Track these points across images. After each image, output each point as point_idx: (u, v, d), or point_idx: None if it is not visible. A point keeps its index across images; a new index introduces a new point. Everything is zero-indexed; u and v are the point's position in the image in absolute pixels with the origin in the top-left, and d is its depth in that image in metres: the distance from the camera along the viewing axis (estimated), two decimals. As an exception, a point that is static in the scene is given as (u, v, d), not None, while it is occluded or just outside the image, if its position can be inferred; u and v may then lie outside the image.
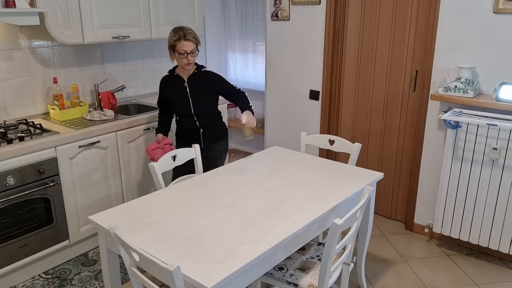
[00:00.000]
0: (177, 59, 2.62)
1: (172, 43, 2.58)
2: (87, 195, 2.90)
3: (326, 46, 3.43)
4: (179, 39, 2.54)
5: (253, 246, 1.66)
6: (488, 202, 2.73)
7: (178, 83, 2.73)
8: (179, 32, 2.56)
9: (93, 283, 2.67)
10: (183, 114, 2.78)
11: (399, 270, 2.81)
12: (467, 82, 2.71)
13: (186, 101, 2.72)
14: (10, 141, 2.52)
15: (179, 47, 2.56)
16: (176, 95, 2.75)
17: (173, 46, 2.58)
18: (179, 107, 2.76)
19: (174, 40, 2.56)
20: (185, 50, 2.56)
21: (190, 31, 2.58)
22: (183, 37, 2.54)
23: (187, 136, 2.81)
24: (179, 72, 2.74)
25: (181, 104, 2.74)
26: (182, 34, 2.55)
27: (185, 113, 2.76)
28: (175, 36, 2.56)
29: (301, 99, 3.71)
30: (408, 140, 3.26)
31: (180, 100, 2.73)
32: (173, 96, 2.77)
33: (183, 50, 2.56)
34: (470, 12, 2.73)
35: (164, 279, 1.44)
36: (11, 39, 2.90)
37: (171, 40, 2.58)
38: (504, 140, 2.59)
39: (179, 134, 2.89)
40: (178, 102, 2.75)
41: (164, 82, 2.83)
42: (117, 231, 1.57)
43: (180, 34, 2.55)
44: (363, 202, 1.88)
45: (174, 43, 2.56)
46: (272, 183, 2.25)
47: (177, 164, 2.50)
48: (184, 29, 2.58)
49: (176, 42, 2.55)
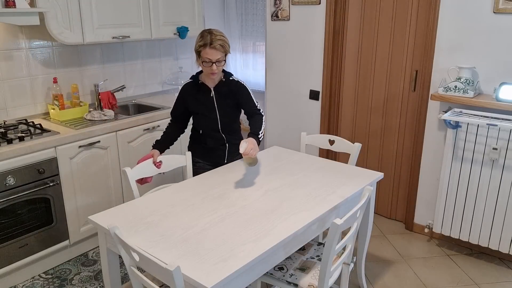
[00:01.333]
0: (202, 66, 2.34)
1: (197, 49, 2.30)
2: (87, 195, 2.90)
3: (326, 46, 3.43)
4: (204, 46, 2.25)
5: (253, 246, 1.66)
6: (488, 202, 2.73)
7: (204, 93, 2.43)
8: (206, 37, 2.26)
9: (93, 283, 2.67)
10: (210, 129, 2.48)
11: (399, 270, 2.81)
12: (467, 82, 2.71)
13: (213, 113, 2.43)
14: (10, 141, 2.52)
15: (204, 54, 2.27)
16: (201, 107, 2.44)
17: (198, 51, 2.30)
18: (206, 120, 2.46)
19: (200, 45, 2.27)
20: (210, 59, 2.27)
21: (219, 36, 2.28)
22: (209, 44, 2.24)
23: (210, 153, 2.54)
24: (204, 79, 2.43)
25: (208, 118, 2.45)
26: (209, 40, 2.25)
27: (212, 128, 2.47)
28: (201, 41, 2.27)
29: (301, 99, 3.71)
30: (408, 140, 3.26)
31: (206, 112, 2.44)
32: (197, 108, 2.45)
33: (207, 58, 2.27)
34: (470, 12, 2.73)
35: (164, 279, 1.44)
36: (11, 39, 2.90)
37: (197, 44, 2.30)
38: (504, 140, 2.59)
39: (200, 150, 2.56)
40: (204, 114, 2.45)
41: (187, 91, 2.47)
42: (117, 231, 1.57)
43: (207, 40, 2.25)
44: (363, 202, 1.88)
45: (199, 48, 2.28)
46: (272, 183, 2.25)
47: (162, 171, 2.36)
48: (213, 34, 2.27)
49: (201, 48, 2.27)
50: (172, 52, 4.00)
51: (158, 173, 2.40)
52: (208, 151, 2.54)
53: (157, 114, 3.26)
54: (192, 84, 2.46)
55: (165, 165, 2.44)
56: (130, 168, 2.25)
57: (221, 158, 2.56)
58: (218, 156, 2.56)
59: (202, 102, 2.43)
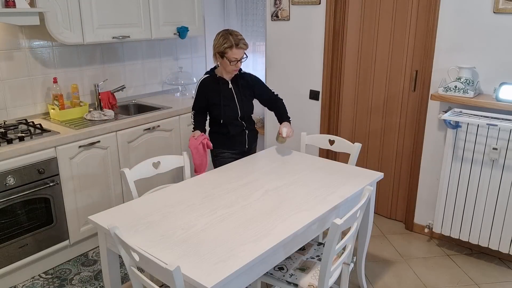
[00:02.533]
0: (225, 64, 2.52)
1: (223, 50, 2.46)
2: (87, 195, 2.90)
3: (326, 46, 3.43)
4: (230, 47, 2.44)
5: (253, 246, 1.66)
6: (488, 202, 2.73)
7: (223, 86, 2.62)
8: (229, 38, 2.44)
9: (93, 283, 2.67)
10: (231, 117, 2.65)
11: (399, 270, 2.81)
12: (467, 82, 2.71)
13: (233, 103, 2.62)
14: (10, 141, 2.52)
15: (231, 55, 2.46)
16: (222, 98, 2.61)
17: (222, 52, 2.47)
18: (226, 111, 2.61)
19: (225, 47, 2.45)
20: (236, 58, 2.47)
21: (240, 36, 2.48)
22: (235, 46, 2.44)
23: (233, 140, 2.69)
24: (221, 74, 2.63)
25: (229, 107, 2.62)
26: (234, 41, 2.44)
27: (233, 116, 2.64)
28: (226, 43, 2.44)
29: (301, 99, 3.70)
30: (408, 140, 3.26)
31: (227, 103, 2.61)
32: (219, 100, 2.61)
33: (234, 58, 2.47)
34: (470, 12, 2.73)
35: (164, 279, 1.44)
36: (11, 39, 2.90)
37: (221, 46, 2.46)
38: (504, 140, 2.59)
39: (223, 140, 2.70)
40: (223, 106, 2.61)
41: (206, 86, 2.63)
42: (117, 231, 1.57)
43: (232, 41, 2.44)
44: (363, 202, 1.88)
45: (225, 50, 2.45)
46: (272, 183, 2.25)
47: (159, 172, 2.41)
48: (234, 34, 2.47)
49: (227, 49, 2.45)
50: (172, 52, 4.00)
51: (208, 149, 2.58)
52: (231, 139, 2.70)
53: (157, 114, 3.26)
54: (211, 78, 2.64)
55: (164, 165, 2.44)
56: (129, 169, 2.25)
57: (243, 144, 2.74)
58: (240, 142, 2.72)
59: (223, 94, 2.62)
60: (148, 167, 2.37)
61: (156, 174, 2.40)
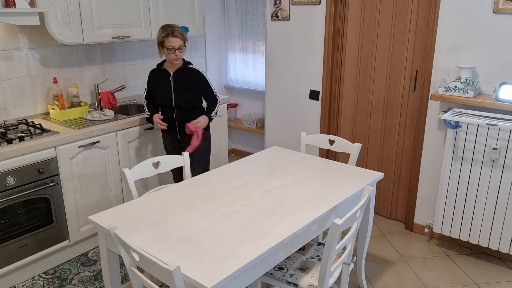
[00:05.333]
0: (166, 54, 2.77)
1: (161, 39, 2.72)
2: (87, 195, 2.90)
3: (326, 46, 3.43)
4: (167, 36, 2.69)
5: (253, 246, 1.66)
6: (488, 202, 2.73)
7: (164, 76, 2.87)
8: (167, 29, 2.71)
9: (93, 283, 2.67)
10: (165, 106, 2.91)
11: (399, 270, 2.81)
12: (467, 82, 2.71)
13: (169, 93, 2.86)
14: (10, 141, 2.52)
15: (167, 43, 2.70)
16: (160, 88, 2.89)
17: (161, 42, 2.73)
18: (161, 98, 2.90)
19: (163, 36, 2.71)
20: (173, 46, 2.70)
21: (177, 28, 2.74)
22: (171, 34, 2.69)
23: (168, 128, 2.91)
24: (167, 66, 2.88)
25: (164, 96, 2.88)
26: (170, 31, 2.70)
27: (166, 105, 2.90)
28: (163, 33, 2.71)
29: (301, 99, 3.70)
30: (408, 140, 3.26)
31: (163, 92, 2.88)
32: (157, 88, 2.91)
33: (171, 46, 2.70)
34: (470, 12, 2.73)
35: (164, 279, 1.44)
36: (11, 39, 2.90)
37: (160, 36, 2.73)
38: (504, 140, 2.59)
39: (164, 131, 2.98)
40: (160, 93, 2.90)
41: (152, 75, 2.97)
42: (117, 231, 1.57)
43: (168, 31, 2.70)
44: (363, 202, 1.88)
45: (163, 39, 2.71)
46: (272, 183, 2.25)
47: (159, 172, 2.43)
48: (172, 26, 2.74)
49: (164, 38, 2.70)
50: (172, 52, 4.00)
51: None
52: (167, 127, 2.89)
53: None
54: (157, 70, 2.94)
55: (164, 165, 2.44)
56: (129, 169, 2.25)
57: (175, 133, 2.95)
58: (172, 131, 2.94)
59: (162, 84, 2.88)
60: (148, 167, 2.37)
61: (156, 174, 2.40)
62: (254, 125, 4.46)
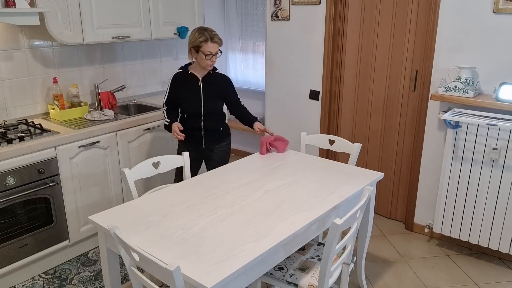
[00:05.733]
0: (200, 59, 2.62)
1: (198, 44, 2.57)
2: (87, 195, 2.90)
3: (326, 46, 3.43)
4: (205, 41, 2.55)
5: (253, 246, 1.66)
6: (488, 202, 2.73)
7: (192, 81, 2.72)
8: (205, 34, 2.56)
9: (93, 283, 2.67)
10: (192, 114, 2.74)
11: (399, 270, 2.81)
12: (467, 82, 2.71)
13: (197, 99, 2.71)
14: (10, 141, 2.52)
15: (206, 49, 2.56)
16: (187, 93, 2.72)
17: (197, 46, 2.58)
18: (188, 105, 2.72)
19: (200, 41, 2.56)
20: (211, 52, 2.58)
21: (214, 32, 2.61)
22: (210, 39, 2.56)
23: (188, 136, 2.73)
24: (194, 70, 2.73)
25: (191, 102, 2.71)
26: (209, 36, 2.56)
27: (194, 113, 2.74)
28: (201, 37, 2.56)
29: (301, 99, 3.70)
30: (408, 140, 3.26)
31: (192, 99, 2.71)
32: (185, 94, 2.72)
33: (209, 52, 2.57)
34: (470, 12, 2.73)
35: (164, 279, 1.44)
36: (11, 39, 2.90)
37: (197, 41, 2.57)
38: (504, 140, 2.59)
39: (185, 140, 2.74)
40: (189, 100, 2.72)
41: (177, 80, 2.76)
42: (117, 231, 1.57)
43: (207, 35, 2.56)
44: (363, 202, 1.88)
45: (200, 44, 2.56)
46: (272, 183, 2.25)
47: (160, 172, 2.41)
48: (209, 30, 2.60)
49: (202, 43, 2.56)
50: (172, 52, 4.00)
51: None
52: (187, 135, 2.71)
53: (157, 114, 3.26)
54: (183, 74, 2.74)
55: (164, 165, 2.44)
56: (129, 169, 2.25)
57: (199, 142, 2.79)
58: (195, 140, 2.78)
59: (190, 90, 2.71)
60: (148, 167, 2.37)
61: (156, 174, 2.40)
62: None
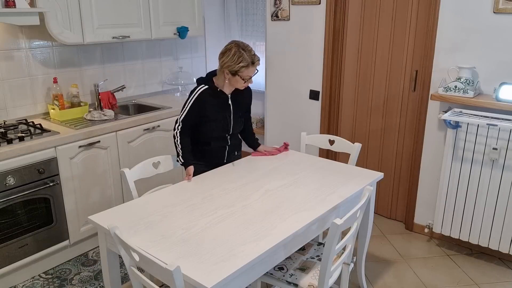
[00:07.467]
0: (235, 82, 2.29)
1: (238, 69, 2.22)
2: (87, 195, 2.90)
3: (326, 46, 3.43)
4: (247, 66, 2.22)
5: (253, 246, 1.66)
6: (488, 202, 2.73)
7: (221, 99, 2.36)
8: (245, 58, 2.21)
9: (93, 283, 2.67)
10: (218, 136, 2.42)
11: (399, 270, 2.81)
12: (467, 82, 2.71)
13: (226, 120, 2.39)
14: (10, 141, 2.52)
15: (247, 73, 2.25)
16: (217, 114, 2.35)
17: (236, 71, 2.24)
18: (216, 127, 2.38)
19: (242, 66, 2.21)
20: (250, 76, 2.28)
21: (253, 52, 2.26)
22: (251, 64, 2.23)
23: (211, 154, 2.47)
24: (221, 86, 2.35)
25: (219, 123, 2.37)
26: (250, 60, 2.22)
27: (222, 134, 2.42)
28: (241, 62, 2.21)
29: (301, 99, 3.70)
30: (408, 140, 3.26)
31: (220, 120, 2.37)
32: (213, 115, 2.34)
33: (248, 76, 2.27)
34: (470, 12, 2.73)
35: (164, 279, 1.44)
36: (11, 39, 2.90)
37: (236, 65, 2.21)
38: (504, 140, 2.59)
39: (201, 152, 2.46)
40: (216, 121, 2.36)
41: (204, 99, 2.32)
42: (117, 231, 1.57)
43: (248, 60, 2.21)
44: (363, 202, 1.88)
45: (241, 69, 2.22)
46: (272, 183, 2.25)
47: (159, 172, 2.37)
48: (247, 49, 2.24)
49: (244, 68, 2.22)
50: (172, 52, 4.00)
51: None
52: (210, 153, 2.47)
53: (157, 114, 3.26)
54: (210, 91, 2.34)
55: (164, 165, 2.43)
56: (129, 169, 2.25)
57: (221, 158, 2.52)
58: (218, 159, 2.50)
59: (220, 109, 2.37)
60: (148, 167, 2.37)
61: (156, 174, 2.40)
62: (254, 125, 4.46)
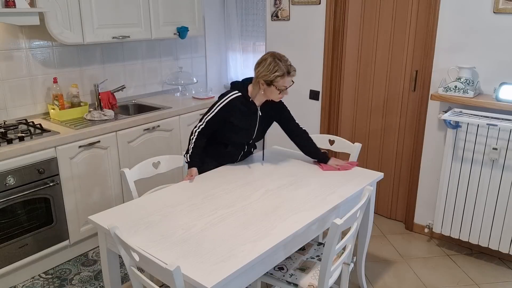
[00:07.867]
0: (270, 93, 2.27)
1: (273, 79, 2.21)
2: (87, 195, 2.90)
3: (326, 46, 3.43)
4: (283, 76, 2.20)
5: (253, 246, 1.66)
6: (488, 202, 2.73)
7: (251, 110, 2.36)
8: (281, 67, 2.19)
9: (93, 283, 2.67)
10: (238, 142, 2.46)
11: (399, 270, 2.81)
12: (467, 82, 2.71)
13: (251, 130, 2.41)
14: (10, 141, 2.52)
15: (281, 84, 2.22)
16: (244, 123, 2.37)
17: (272, 81, 2.22)
18: (239, 134, 2.40)
19: (277, 76, 2.19)
20: (286, 86, 2.25)
21: (289, 62, 2.24)
22: (287, 74, 2.21)
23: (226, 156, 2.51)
24: (253, 96, 2.34)
25: (243, 131, 2.40)
26: (286, 69, 2.20)
27: (241, 142, 2.47)
28: (277, 72, 2.19)
29: (301, 99, 3.70)
30: (408, 140, 3.26)
31: (246, 128, 2.39)
32: (239, 123, 2.35)
33: (284, 87, 2.24)
34: (470, 12, 2.73)
35: (164, 279, 1.44)
36: (11, 39, 2.90)
37: (272, 75, 2.20)
38: (504, 140, 2.59)
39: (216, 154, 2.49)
40: (241, 131, 2.39)
41: (234, 104, 2.32)
42: (117, 231, 1.57)
43: (283, 69, 2.19)
44: (363, 202, 1.88)
45: (276, 79, 2.20)
46: (272, 183, 2.25)
47: (159, 172, 2.38)
48: (284, 59, 2.23)
49: (278, 78, 2.20)
50: (172, 52, 4.00)
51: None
52: (225, 155, 2.50)
53: (157, 114, 3.26)
54: (242, 100, 2.33)
55: (164, 165, 2.44)
56: (129, 169, 2.25)
57: (234, 159, 2.54)
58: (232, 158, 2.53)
59: (248, 118, 2.37)
60: (148, 167, 2.37)
61: (156, 174, 2.40)
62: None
